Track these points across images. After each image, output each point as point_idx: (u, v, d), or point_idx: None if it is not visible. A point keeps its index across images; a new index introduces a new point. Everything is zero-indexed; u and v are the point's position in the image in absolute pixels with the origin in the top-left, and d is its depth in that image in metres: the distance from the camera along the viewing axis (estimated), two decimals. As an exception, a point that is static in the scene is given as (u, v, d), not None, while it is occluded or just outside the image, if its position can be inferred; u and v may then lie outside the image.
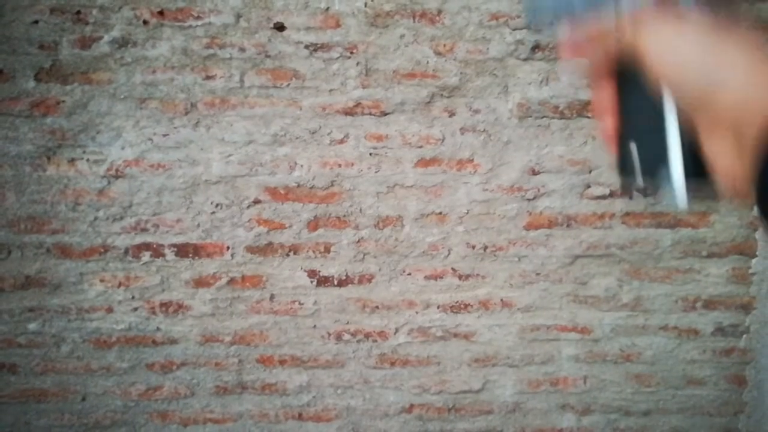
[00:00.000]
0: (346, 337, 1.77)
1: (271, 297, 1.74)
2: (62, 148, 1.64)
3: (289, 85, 1.65)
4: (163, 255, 1.70)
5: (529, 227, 1.74)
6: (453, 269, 1.75)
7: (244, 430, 1.79)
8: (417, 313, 1.77)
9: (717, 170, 0.35)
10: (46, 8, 1.59)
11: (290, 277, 1.73)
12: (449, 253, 1.74)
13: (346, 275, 1.74)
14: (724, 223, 1.78)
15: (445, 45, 1.66)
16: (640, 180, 0.39)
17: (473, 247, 1.74)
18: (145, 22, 1.61)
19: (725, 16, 0.37)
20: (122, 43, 1.62)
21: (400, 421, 1.81)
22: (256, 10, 1.62)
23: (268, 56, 1.64)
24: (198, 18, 1.62)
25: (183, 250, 1.70)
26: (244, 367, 1.76)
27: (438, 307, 1.77)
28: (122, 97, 1.64)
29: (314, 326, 1.76)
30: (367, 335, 1.77)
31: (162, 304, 1.72)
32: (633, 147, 0.39)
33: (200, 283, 1.72)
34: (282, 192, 1.70)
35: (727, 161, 0.34)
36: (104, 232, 1.68)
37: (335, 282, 1.74)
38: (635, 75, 0.38)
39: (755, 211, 0.30)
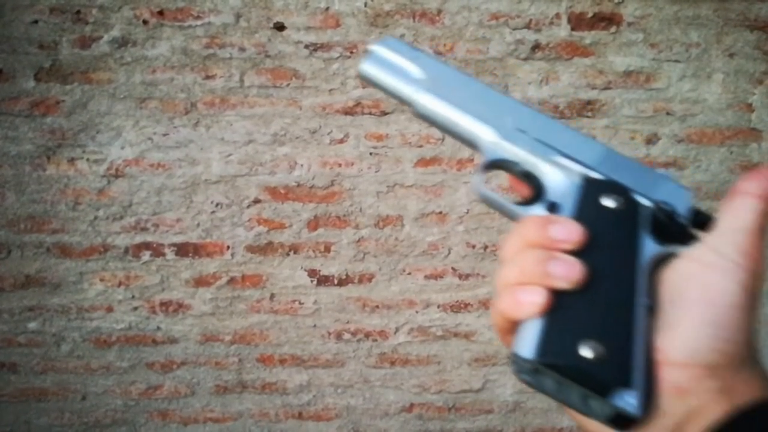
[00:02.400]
0: (347, 336, 1.77)
1: (271, 296, 1.74)
2: (62, 148, 1.64)
3: (289, 84, 1.65)
4: (163, 254, 1.70)
5: (529, 227, 1.74)
6: (453, 269, 1.75)
7: (245, 430, 1.79)
8: (417, 312, 1.77)
9: (649, 426, 0.31)
10: (46, 8, 1.59)
11: (290, 277, 1.73)
12: (449, 253, 1.74)
13: (347, 275, 1.74)
14: (724, 223, 1.77)
15: (445, 45, 1.66)
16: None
17: (473, 247, 1.74)
18: (144, 22, 1.61)
19: None
20: (122, 42, 1.62)
21: (400, 421, 1.81)
22: (255, 9, 1.62)
23: (268, 56, 1.64)
24: (198, 18, 1.62)
25: (183, 250, 1.70)
26: (244, 366, 1.76)
27: (438, 307, 1.77)
28: (122, 96, 1.63)
29: (314, 325, 1.76)
30: (368, 335, 1.77)
31: (162, 304, 1.72)
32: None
33: (200, 282, 1.72)
34: (282, 191, 1.70)
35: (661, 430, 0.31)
36: (104, 232, 1.68)
37: (335, 281, 1.74)
38: None
39: None
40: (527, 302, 0.32)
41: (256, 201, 1.69)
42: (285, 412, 1.79)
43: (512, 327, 0.33)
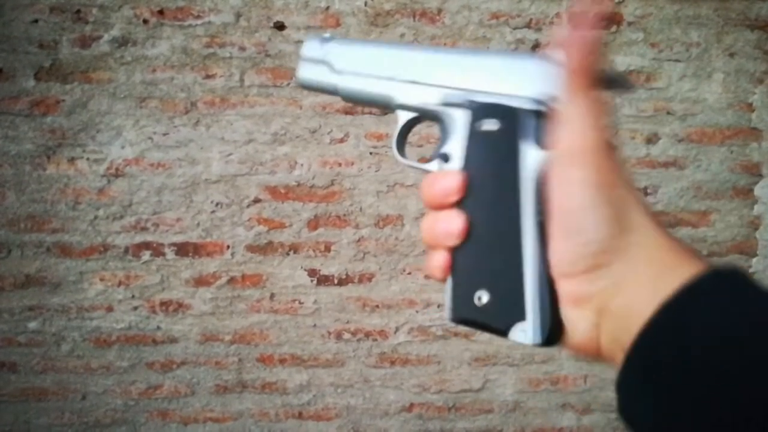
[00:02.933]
0: (347, 336, 1.76)
1: (271, 296, 1.73)
2: (62, 147, 1.64)
3: (289, 84, 1.65)
4: (163, 254, 1.69)
5: (529, 226, 1.73)
6: (453, 268, 1.75)
7: (244, 429, 1.79)
8: (417, 312, 1.77)
9: (568, 337, 0.32)
10: (46, 7, 1.59)
11: (290, 276, 1.73)
12: (449, 253, 1.74)
13: (347, 274, 1.74)
14: (725, 222, 1.77)
15: (445, 44, 1.66)
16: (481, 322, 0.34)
17: (473, 247, 1.74)
18: (145, 21, 1.61)
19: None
20: (122, 42, 1.61)
21: (401, 420, 1.81)
22: (256, 9, 1.62)
23: (268, 55, 1.64)
24: (198, 17, 1.61)
25: (183, 249, 1.70)
26: (244, 366, 1.76)
27: (438, 306, 1.76)
28: (122, 96, 1.63)
29: (314, 325, 1.75)
30: (368, 334, 1.77)
31: (162, 303, 1.72)
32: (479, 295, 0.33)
33: (200, 282, 1.71)
34: (282, 191, 1.69)
35: (581, 338, 0.31)
36: (104, 231, 1.68)
37: (335, 281, 1.74)
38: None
39: (618, 413, 0.28)
40: (434, 267, 0.34)
41: (256, 200, 1.69)
42: (285, 411, 1.79)
43: None
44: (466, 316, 0.34)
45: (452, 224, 0.33)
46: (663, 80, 1.72)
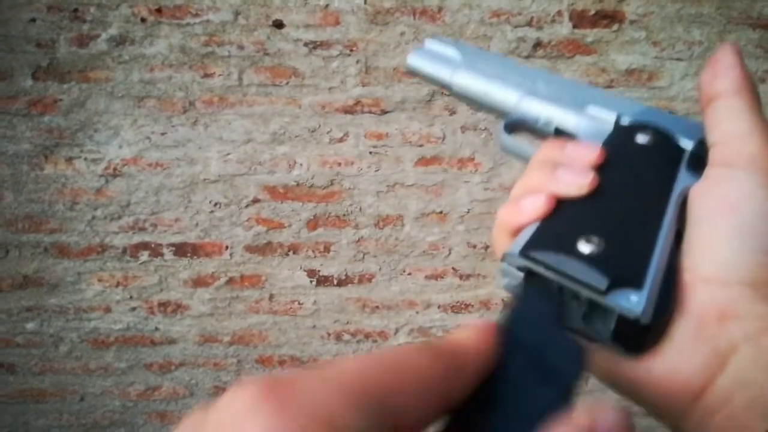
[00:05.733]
0: (346, 337, 1.75)
1: (270, 297, 1.72)
2: (60, 147, 1.63)
3: (288, 83, 1.64)
4: (162, 254, 1.68)
5: (530, 226, 1.72)
6: (454, 269, 1.74)
7: (244, 431, 1.78)
8: (417, 313, 1.75)
9: (669, 363, 0.25)
10: (44, 6, 1.58)
11: (289, 277, 1.72)
12: (450, 253, 1.73)
13: (346, 275, 1.73)
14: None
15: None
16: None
17: (474, 247, 1.73)
18: (142, 20, 1.60)
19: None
20: (120, 41, 1.60)
21: (401, 422, 1.80)
22: (254, 7, 1.61)
23: (266, 54, 1.63)
24: (196, 15, 1.60)
25: (181, 250, 1.69)
26: (243, 367, 1.75)
27: (439, 307, 1.75)
28: (120, 95, 1.62)
29: (314, 326, 1.74)
30: (367, 335, 1.76)
31: (160, 304, 1.71)
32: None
33: (199, 282, 1.70)
34: (281, 191, 1.68)
35: (690, 368, 0.25)
36: (102, 232, 1.67)
37: (335, 282, 1.73)
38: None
39: None
40: (528, 206, 0.29)
41: (255, 200, 1.68)
42: (284, 413, 1.78)
43: (512, 238, 0.29)
44: (550, 259, 0.25)
45: (584, 175, 0.29)
46: (665, 79, 1.71)
